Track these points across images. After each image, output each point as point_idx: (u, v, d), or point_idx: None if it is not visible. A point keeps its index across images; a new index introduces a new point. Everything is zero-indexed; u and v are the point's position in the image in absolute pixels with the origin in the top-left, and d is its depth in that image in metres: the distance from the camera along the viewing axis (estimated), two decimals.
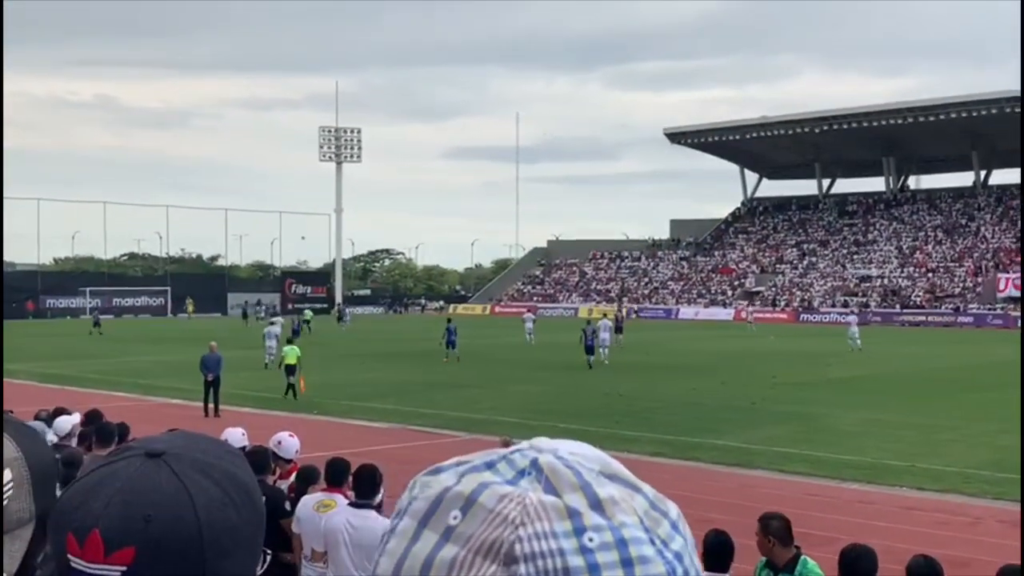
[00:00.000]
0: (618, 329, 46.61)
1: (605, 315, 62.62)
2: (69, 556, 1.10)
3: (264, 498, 4.20)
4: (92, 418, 13.48)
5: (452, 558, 0.88)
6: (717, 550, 7.23)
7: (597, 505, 0.90)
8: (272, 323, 44.27)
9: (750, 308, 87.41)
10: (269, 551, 7.90)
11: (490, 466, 0.93)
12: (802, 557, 7.46)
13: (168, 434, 1.22)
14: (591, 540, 0.88)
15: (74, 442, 12.20)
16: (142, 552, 1.07)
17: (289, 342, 34.68)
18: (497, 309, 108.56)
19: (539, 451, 0.94)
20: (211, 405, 26.19)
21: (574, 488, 0.90)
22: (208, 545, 1.09)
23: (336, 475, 9.02)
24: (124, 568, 1.07)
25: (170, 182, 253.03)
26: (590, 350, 40.99)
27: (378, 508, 8.60)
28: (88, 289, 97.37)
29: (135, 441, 1.24)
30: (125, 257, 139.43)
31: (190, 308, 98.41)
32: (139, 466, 1.12)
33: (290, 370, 29.75)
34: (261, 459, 9.73)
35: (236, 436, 11.39)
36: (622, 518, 0.90)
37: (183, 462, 1.13)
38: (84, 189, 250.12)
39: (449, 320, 47.11)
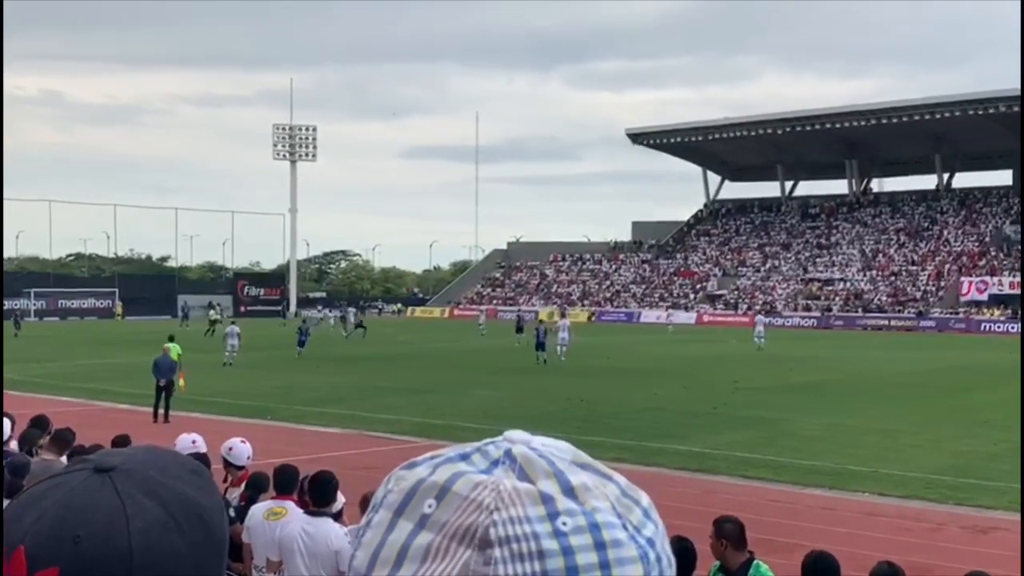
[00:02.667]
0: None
1: (564, 315, 63.15)
2: None
3: None
4: (39, 423, 13.13)
5: (427, 544, 0.90)
6: (679, 557, 6.87)
7: (570, 491, 0.92)
8: (233, 322, 45.75)
9: (669, 313, 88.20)
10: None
11: (464, 457, 0.95)
12: (755, 562, 7.38)
13: (131, 448, 1.13)
14: (564, 524, 0.90)
15: (13, 445, 11.89)
16: (67, 574, 0.98)
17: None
18: (456, 312, 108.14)
19: (512, 442, 0.96)
20: (161, 411, 25.50)
21: (548, 475, 0.93)
22: (139, 570, 0.99)
23: (284, 482, 8.82)
24: None
25: (118, 180, 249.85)
26: (541, 347, 44.09)
27: (337, 516, 8.48)
28: (33, 290, 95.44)
29: (96, 453, 1.11)
30: (71, 257, 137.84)
31: (119, 311, 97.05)
32: (83, 480, 1.03)
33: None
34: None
35: (187, 443, 11.06)
36: (595, 503, 0.93)
37: (131, 480, 1.03)
38: (29, 187, 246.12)
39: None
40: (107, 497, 1.02)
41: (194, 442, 11.13)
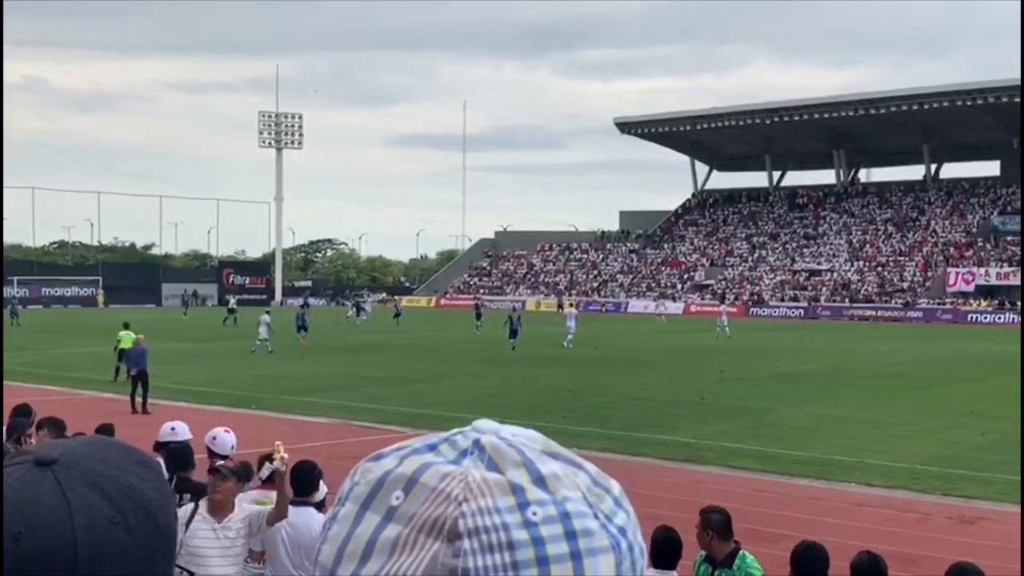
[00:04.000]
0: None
1: (572, 305, 63.95)
2: None
3: (188, 495, 4.86)
4: (21, 412, 13.01)
5: (395, 537, 0.89)
6: (665, 547, 7.14)
7: (540, 481, 0.91)
8: (267, 311, 47.28)
9: (662, 303, 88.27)
10: (187, 570, 7.51)
11: (432, 448, 0.94)
12: (740, 552, 7.36)
13: (73, 439, 1.08)
14: (535, 514, 0.89)
15: None
16: (8, 573, 0.94)
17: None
18: (443, 301, 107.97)
19: (481, 432, 0.95)
20: (139, 400, 25.09)
21: (517, 465, 0.92)
22: (84, 566, 0.95)
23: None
24: None
25: (102, 167, 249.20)
26: (514, 334, 46.12)
27: (319, 506, 8.42)
28: (15, 278, 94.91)
29: (35, 445, 1.05)
30: (54, 245, 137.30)
31: (100, 299, 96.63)
32: (22, 475, 0.98)
33: (123, 355, 29.99)
34: (181, 455, 9.39)
35: (166, 431, 10.94)
36: (565, 493, 0.91)
37: (73, 473, 0.99)
38: (11, 174, 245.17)
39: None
40: (49, 492, 0.97)
41: (173, 429, 10.98)
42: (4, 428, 12.54)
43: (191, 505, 7.52)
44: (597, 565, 0.90)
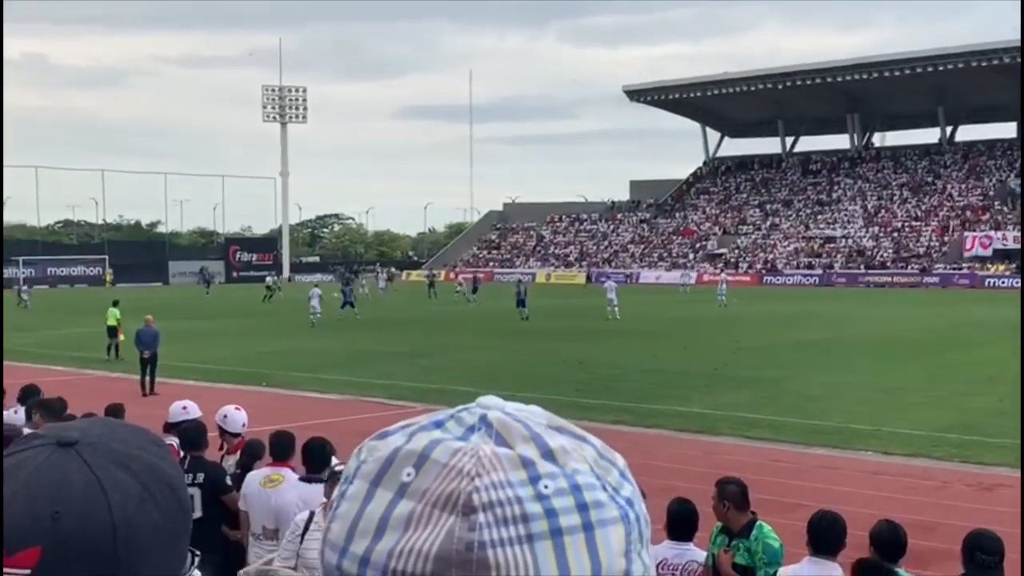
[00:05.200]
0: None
1: (609, 277, 64.48)
2: None
3: (203, 475, 5.68)
4: (29, 393, 12.93)
5: (409, 512, 0.90)
6: (681, 519, 7.16)
7: (549, 454, 0.92)
8: (316, 285, 49.98)
9: (687, 273, 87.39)
10: (198, 552, 7.41)
11: (439, 425, 0.95)
12: (757, 522, 7.34)
13: (84, 421, 1.09)
14: (547, 487, 0.90)
15: (7, 416, 11.81)
16: (49, 553, 0.97)
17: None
18: (452, 275, 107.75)
19: (486, 408, 0.96)
20: (147, 379, 24.87)
21: (525, 440, 0.93)
22: (123, 545, 0.99)
23: (281, 449, 8.80)
24: (28, 571, 0.97)
25: (105, 145, 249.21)
26: (522, 303, 48.04)
27: None
28: (21, 258, 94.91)
29: (46, 428, 1.08)
30: (59, 224, 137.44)
31: (108, 278, 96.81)
32: (48, 456, 1.01)
33: (112, 331, 30.79)
34: (194, 434, 9.36)
35: (177, 410, 10.86)
36: (574, 465, 0.93)
37: (98, 452, 1.02)
38: (14, 153, 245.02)
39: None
40: (77, 471, 0.99)
41: (184, 408, 10.98)
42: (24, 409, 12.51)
43: (306, 513, 7.29)
44: (608, 536, 0.91)
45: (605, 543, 0.91)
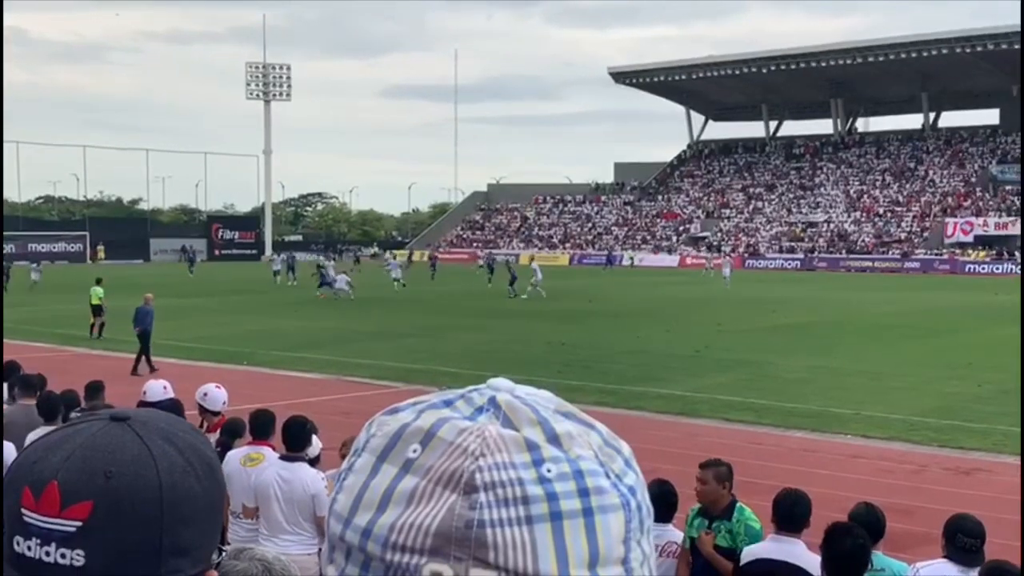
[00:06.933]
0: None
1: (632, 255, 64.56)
2: (23, 510, 1.05)
3: None
4: (10, 370, 12.90)
5: (412, 488, 0.91)
6: (661, 500, 7.07)
7: (554, 439, 0.93)
8: (395, 256, 53.67)
9: (712, 255, 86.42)
10: (225, 547, 7.45)
11: (448, 404, 0.96)
12: (738, 504, 7.38)
13: (133, 409, 1.19)
14: (549, 471, 0.91)
15: None
16: (100, 507, 1.04)
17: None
18: (436, 255, 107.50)
19: (496, 390, 0.97)
20: (148, 359, 24.68)
21: (532, 423, 0.94)
22: (168, 508, 1.07)
23: (261, 428, 8.79)
24: (80, 523, 1.03)
25: (87, 120, 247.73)
26: (513, 280, 50.93)
27: (313, 462, 8.46)
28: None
29: (98, 411, 1.15)
30: (40, 200, 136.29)
31: (100, 254, 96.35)
32: (102, 427, 1.09)
33: (96, 310, 30.75)
34: (172, 413, 9.23)
35: (158, 390, 10.85)
36: (578, 451, 0.94)
37: (147, 428, 1.10)
38: None
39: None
40: (130, 441, 1.07)
41: (165, 388, 10.95)
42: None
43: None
44: (608, 522, 0.92)
45: (604, 529, 0.92)
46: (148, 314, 25.38)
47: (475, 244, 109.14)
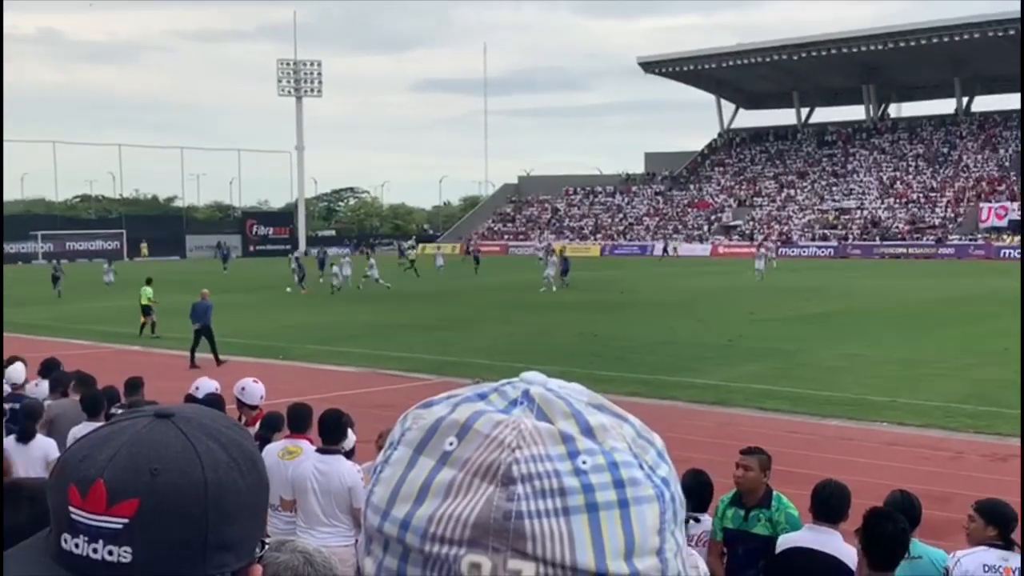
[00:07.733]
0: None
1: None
2: (70, 508, 1.06)
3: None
4: (50, 366, 13.09)
5: (450, 480, 0.92)
6: (696, 491, 7.11)
7: (588, 431, 0.95)
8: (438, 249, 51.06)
9: (765, 246, 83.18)
10: (267, 540, 7.56)
11: (482, 397, 0.98)
12: (775, 493, 7.36)
13: (177, 405, 1.20)
14: (584, 463, 0.92)
15: (28, 389, 12.05)
16: (146, 505, 1.05)
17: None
18: (478, 248, 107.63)
19: (529, 383, 0.98)
20: (211, 355, 24.94)
21: (566, 416, 0.95)
22: (212, 505, 1.08)
23: (298, 421, 8.91)
24: (126, 520, 1.05)
25: (121, 119, 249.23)
26: (565, 272, 50.12)
27: (349, 454, 8.52)
28: (40, 233, 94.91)
29: (141, 407, 1.20)
30: (77, 199, 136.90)
31: (144, 251, 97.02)
32: (147, 424, 1.11)
33: (145, 310, 31.05)
34: (215, 407, 9.33)
35: (210, 386, 10.97)
36: (612, 443, 0.95)
37: (192, 425, 1.12)
38: (31, 128, 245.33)
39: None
40: (175, 438, 1.09)
41: (216, 388, 11.06)
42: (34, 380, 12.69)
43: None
44: (643, 513, 0.93)
45: (640, 520, 0.93)
46: (208, 309, 25.70)
47: (506, 236, 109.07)
